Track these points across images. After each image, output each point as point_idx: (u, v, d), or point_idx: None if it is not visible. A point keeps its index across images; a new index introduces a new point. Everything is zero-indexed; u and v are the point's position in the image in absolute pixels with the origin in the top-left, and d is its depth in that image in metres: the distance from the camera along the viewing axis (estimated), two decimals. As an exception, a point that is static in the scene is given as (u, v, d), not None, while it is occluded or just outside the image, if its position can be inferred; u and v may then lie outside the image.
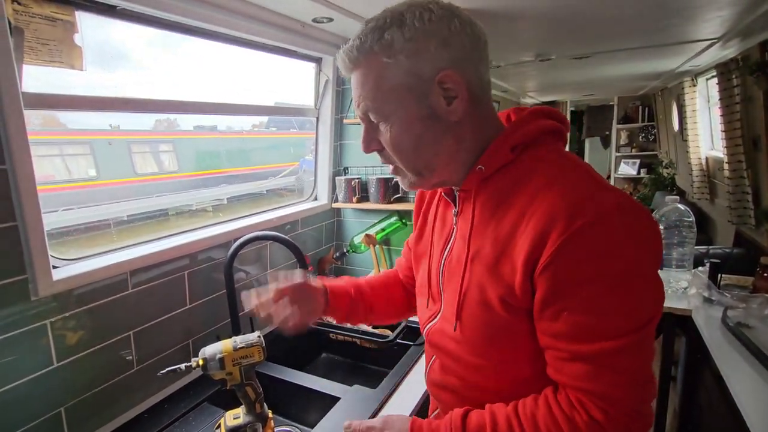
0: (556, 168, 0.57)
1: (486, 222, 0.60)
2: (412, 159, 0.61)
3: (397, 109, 0.58)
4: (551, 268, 0.51)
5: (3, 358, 0.80)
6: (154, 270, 1.08)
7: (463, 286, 0.62)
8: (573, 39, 2.05)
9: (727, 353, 1.19)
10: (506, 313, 0.57)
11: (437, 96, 0.57)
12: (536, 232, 0.52)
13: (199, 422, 0.98)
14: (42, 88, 0.84)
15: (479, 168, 0.60)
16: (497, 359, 0.61)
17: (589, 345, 0.52)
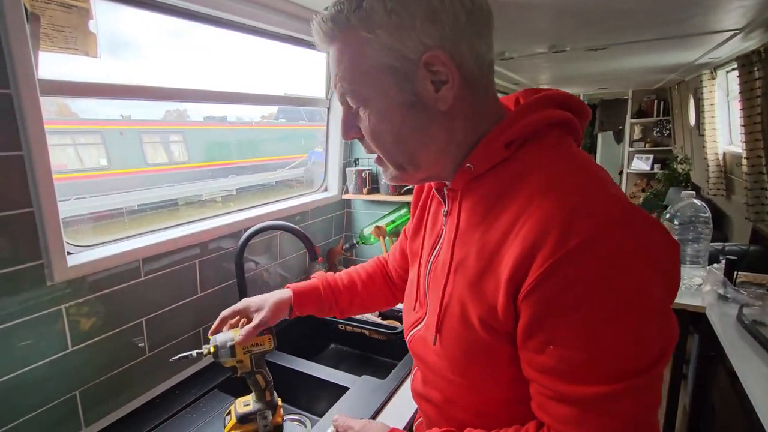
0: (556, 170, 0.48)
1: (473, 228, 0.53)
2: (393, 151, 0.54)
3: (376, 94, 0.51)
4: (537, 292, 0.43)
5: (20, 341, 0.82)
6: (166, 258, 1.09)
7: (444, 299, 0.55)
8: (589, 30, 2.00)
9: (742, 351, 1.17)
10: (487, 335, 0.50)
11: (423, 80, 0.49)
12: (524, 247, 0.44)
13: (209, 408, 1.00)
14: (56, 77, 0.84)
15: (467, 166, 0.52)
16: (477, 379, 0.54)
17: (579, 386, 0.42)
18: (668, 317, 0.44)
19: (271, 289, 1.46)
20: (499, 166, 0.52)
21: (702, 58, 2.90)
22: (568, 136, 0.54)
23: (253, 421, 0.87)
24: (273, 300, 0.82)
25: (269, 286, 1.45)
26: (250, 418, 0.87)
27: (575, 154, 0.52)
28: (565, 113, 0.53)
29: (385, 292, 0.92)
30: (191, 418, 0.96)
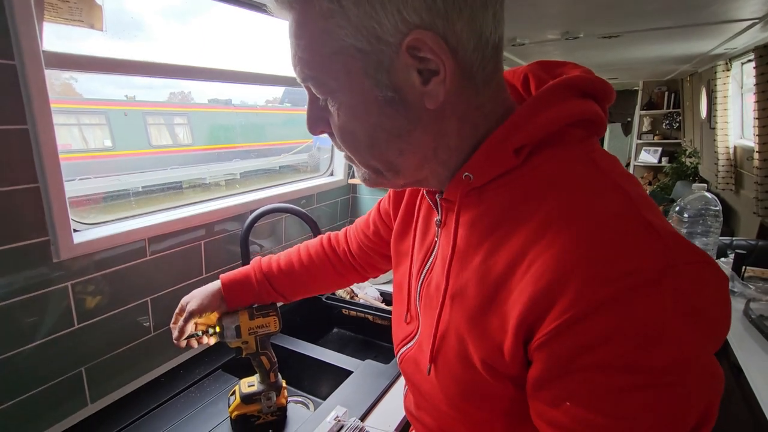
0: (579, 188, 0.39)
1: (473, 250, 0.44)
2: (366, 156, 0.44)
3: (343, 86, 0.40)
4: (555, 344, 0.35)
5: (28, 317, 0.82)
6: (171, 238, 1.08)
7: (440, 328, 0.47)
8: (604, 16, 1.95)
9: (748, 346, 1.17)
10: (490, 377, 0.42)
11: (406, 70, 0.38)
12: (539, 288, 0.36)
13: (214, 388, 1.00)
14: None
15: (465, 176, 0.43)
16: (474, 416, 0.48)
17: None
18: (711, 376, 0.35)
19: (276, 272, 1.46)
20: (506, 175, 0.42)
21: (717, 49, 2.84)
22: (593, 137, 0.44)
23: (257, 402, 0.88)
24: (201, 293, 0.80)
25: (274, 269, 1.45)
26: (254, 399, 0.88)
27: (602, 164, 0.41)
28: (589, 106, 0.42)
29: (330, 274, 0.84)
30: (196, 398, 0.97)
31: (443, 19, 0.36)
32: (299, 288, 0.85)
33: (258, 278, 0.82)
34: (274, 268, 0.82)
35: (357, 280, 0.87)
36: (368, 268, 0.84)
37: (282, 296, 0.84)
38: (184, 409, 0.93)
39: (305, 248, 0.85)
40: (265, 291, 0.82)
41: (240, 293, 0.82)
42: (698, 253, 0.35)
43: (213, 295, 0.81)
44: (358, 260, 0.82)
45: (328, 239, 0.86)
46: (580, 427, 0.36)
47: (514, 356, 0.39)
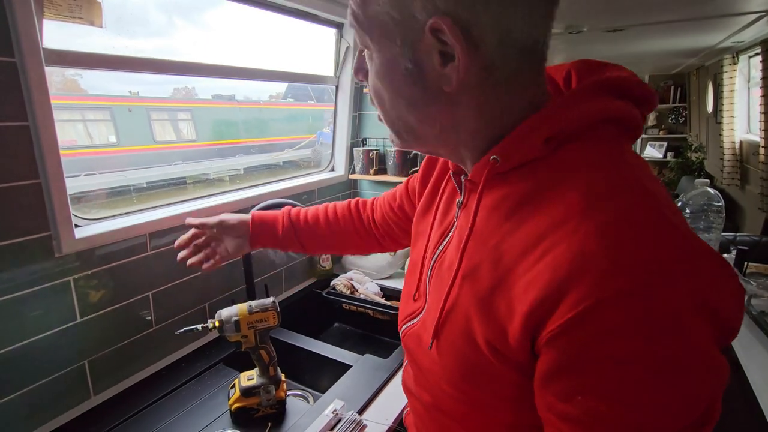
0: (604, 185, 0.39)
1: (490, 233, 0.44)
2: (390, 114, 0.47)
3: (377, 45, 0.43)
4: (568, 337, 0.35)
5: (31, 311, 0.83)
6: (172, 233, 1.09)
7: (447, 305, 0.48)
8: (609, 9, 1.93)
9: (748, 342, 1.16)
10: (493, 358, 0.43)
11: (429, 50, 0.40)
12: (552, 278, 0.36)
13: (214, 382, 1.01)
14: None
15: (493, 158, 0.43)
16: (474, 397, 0.48)
17: None
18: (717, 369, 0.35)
19: (277, 266, 1.47)
20: (532, 164, 0.43)
21: (724, 42, 2.80)
22: (625, 138, 0.44)
23: (257, 395, 0.89)
24: (234, 215, 0.85)
25: (275, 264, 1.46)
26: (254, 392, 0.89)
27: (631, 165, 0.41)
28: (625, 107, 0.42)
29: (352, 237, 0.87)
30: (196, 390, 0.98)
31: (469, 10, 0.38)
32: (320, 243, 0.88)
33: (285, 224, 0.85)
34: (301, 218, 0.87)
35: (376, 249, 0.90)
36: (388, 240, 0.86)
37: (302, 246, 0.87)
38: (185, 401, 0.95)
39: (333, 207, 0.88)
40: (289, 238, 0.85)
41: (265, 233, 0.85)
42: (717, 255, 0.36)
43: (243, 221, 0.85)
44: (380, 230, 0.85)
45: (356, 203, 0.89)
46: (587, 418, 0.36)
47: (519, 344, 0.39)
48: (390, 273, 1.63)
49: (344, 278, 1.50)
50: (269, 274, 1.44)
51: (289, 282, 1.53)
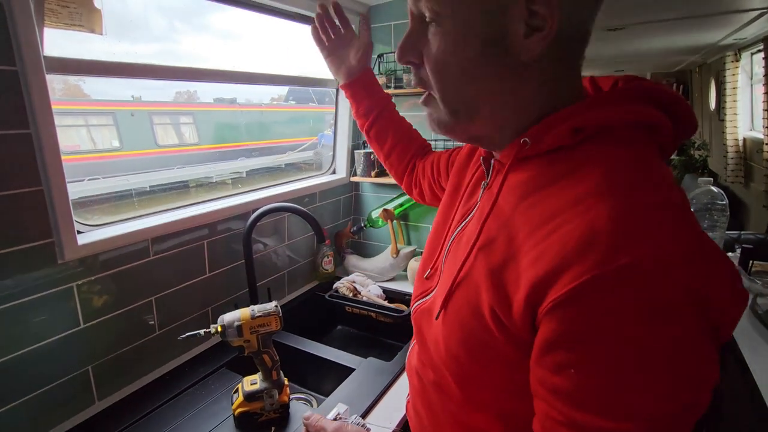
0: (623, 177, 0.40)
1: (509, 209, 0.47)
2: (452, 90, 0.46)
3: (457, 13, 0.42)
4: (565, 309, 0.36)
5: (34, 318, 0.84)
6: (174, 238, 1.09)
7: (460, 275, 0.50)
8: (608, 8, 1.93)
9: (754, 342, 1.15)
10: (494, 328, 0.44)
11: (517, 17, 0.41)
12: (558, 252, 0.38)
13: (218, 386, 1.02)
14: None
15: (524, 141, 0.45)
16: (467, 368, 0.49)
17: (594, 418, 0.37)
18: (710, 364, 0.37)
19: (279, 270, 1.47)
20: (556, 152, 0.44)
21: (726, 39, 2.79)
22: (654, 145, 0.44)
23: (260, 400, 0.89)
24: None
25: (277, 267, 1.46)
26: (257, 397, 0.89)
27: (654, 167, 0.41)
28: (658, 115, 0.43)
29: (404, 165, 0.94)
30: (200, 395, 0.98)
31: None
32: (385, 130, 0.92)
33: (384, 93, 0.92)
34: (389, 113, 0.92)
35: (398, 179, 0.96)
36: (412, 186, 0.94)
37: (370, 126, 0.91)
38: (189, 406, 0.95)
39: (414, 129, 0.97)
40: (377, 99, 0.91)
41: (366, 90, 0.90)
42: (722, 254, 0.37)
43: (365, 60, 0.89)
44: (415, 175, 0.92)
45: (424, 142, 0.96)
46: (578, 392, 0.38)
47: (521, 317, 0.41)
48: (392, 275, 1.62)
49: (347, 281, 1.50)
50: (272, 277, 1.44)
51: (291, 285, 1.54)
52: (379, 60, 1.62)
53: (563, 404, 0.39)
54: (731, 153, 3.33)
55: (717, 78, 3.72)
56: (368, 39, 0.90)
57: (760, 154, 2.57)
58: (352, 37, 0.89)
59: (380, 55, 1.61)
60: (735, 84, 3.25)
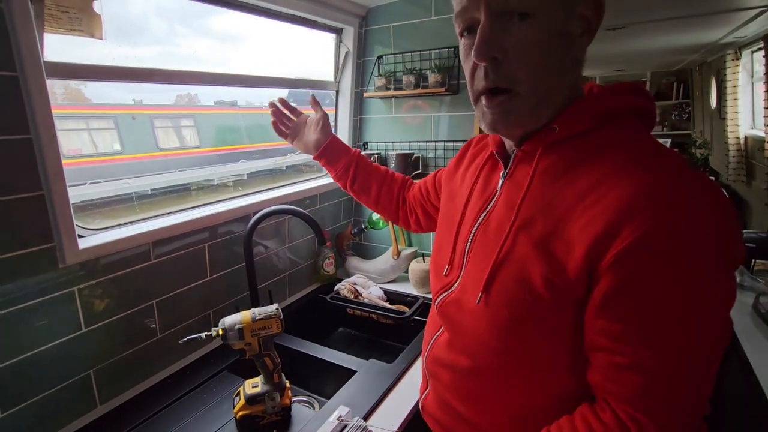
0: (640, 150, 0.49)
1: (542, 191, 0.53)
2: (540, 77, 0.51)
3: (547, 10, 0.48)
4: (627, 259, 0.43)
5: (36, 322, 0.84)
6: (175, 242, 1.09)
7: (500, 256, 0.54)
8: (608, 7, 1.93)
9: (757, 341, 1.15)
10: (549, 295, 0.49)
11: (577, 18, 0.50)
12: (611, 215, 0.44)
13: (219, 389, 1.02)
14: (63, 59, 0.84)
15: (553, 127, 0.53)
16: (519, 344, 0.53)
17: (658, 355, 0.43)
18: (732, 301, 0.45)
19: (280, 272, 1.47)
20: (582, 135, 0.53)
21: (726, 38, 2.78)
22: (647, 127, 0.55)
23: (262, 403, 0.89)
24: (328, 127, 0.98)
25: (278, 269, 1.46)
26: (259, 400, 0.89)
27: (656, 141, 0.52)
28: (645, 102, 0.54)
29: (394, 203, 1.00)
30: (202, 399, 0.98)
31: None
32: (366, 184, 0.98)
33: (354, 152, 0.98)
34: (363, 162, 0.99)
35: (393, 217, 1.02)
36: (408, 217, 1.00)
37: (352, 179, 0.97)
38: (191, 410, 0.95)
39: (391, 171, 1.03)
40: (353, 164, 0.96)
41: (337, 148, 0.97)
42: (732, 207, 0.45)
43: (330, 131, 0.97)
44: (408, 206, 0.99)
45: (409, 181, 1.03)
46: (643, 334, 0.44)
47: (578, 276, 0.47)
48: (394, 277, 1.62)
49: (348, 283, 1.50)
50: (273, 280, 1.44)
51: (293, 288, 1.54)
52: (379, 62, 1.62)
53: (626, 345, 0.45)
54: (733, 151, 3.32)
55: (717, 76, 3.71)
56: (321, 111, 0.97)
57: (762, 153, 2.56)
58: (305, 118, 0.99)
59: (380, 57, 1.61)
60: (736, 82, 3.24)
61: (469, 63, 0.54)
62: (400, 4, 1.53)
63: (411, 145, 1.62)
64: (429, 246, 1.65)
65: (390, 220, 1.03)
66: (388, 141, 1.68)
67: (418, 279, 1.51)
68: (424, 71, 1.51)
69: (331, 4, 1.43)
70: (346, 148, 0.97)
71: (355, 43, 1.60)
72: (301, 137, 0.98)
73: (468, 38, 0.54)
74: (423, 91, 1.48)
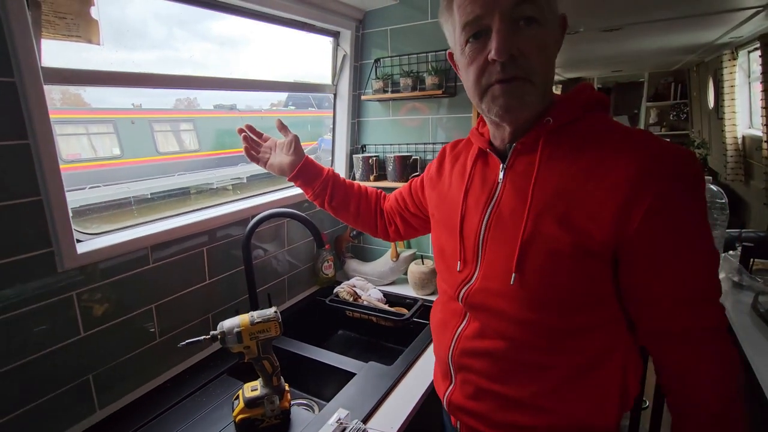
0: (624, 128, 0.61)
1: (551, 174, 0.61)
2: (548, 69, 0.61)
3: (552, 19, 0.60)
4: (656, 216, 0.54)
5: (35, 327, 0.84)
6: (174, 246, 1.10)
7: (524, 237, 0.61)
8: (605, 8, 1.93)
9: (756, 340, 1.15)
10: (579, 258, 0.58)
11: (559, 21, 0.62)
12: (627, 180, 0.54)
13: (219, 393, 1.01)
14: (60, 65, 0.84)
15: (547, 120, 0.62)
16: (558, 309, 0.61)
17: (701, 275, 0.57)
18: None
19: (280, 275, 1.47)
20: (572, 124, 0.62)
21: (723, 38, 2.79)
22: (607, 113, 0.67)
23: (261, 406, 0.89)
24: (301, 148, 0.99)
25: (277, 273, 1.46)
26: (258, 403, 0.89)
27: (620, 122, 0.64)
28: (604, 95, 0.66)
29: (372, 216, 1.03)
30: (201, 402, 0.98)
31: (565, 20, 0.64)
32: (345, 204, 1.00)
33: (328, 172, 0.99)
34: (339, 178, 1.00)
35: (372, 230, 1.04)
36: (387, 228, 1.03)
37: (330, 197, 0.98)
38: (190, 413, 0.95)
39: (365, 186, 1.06)
40: (329, 184, 0.98)
41: (311, 170, 0.97)
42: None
43: (302, 153, 0.97)
44: (386, 217, 1.02)
45: (383, 194, 1.06)
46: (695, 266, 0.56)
47: (607, 240, 0.56)
48: (393, 279, 1.62)
49: (347, 285, 1.50)
50: (272, 283, 1.44)
51: (292, 290, 1.54)
52: (376, 65, 1.62)
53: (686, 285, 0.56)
54: (731, 151, 3.33)
55: (715, 76, 3.72)
56: (291, 134, 0.97)
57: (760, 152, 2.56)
58: (273, 141, 1.00)
59: (377, 60, 1.62)
60: (733, 82, 3.25)
61: (478, 62, 0.60)
62: (397, 7, 1.54)
63: (409, 148, 1.63)
64: (427, 248, 1.65)
65: (368, 232, 1.05)
66: (386, 143, 1.69)
67: (417, 281, 1.51)
68: (422, 74, 1.51)
69: (328, 8, 1.43)
70: (320, 168, 0.99)
71: (353, 46, 1.61)
72: (274, 160, 0.98)
73: (475, 43, 0.60)
74: (420, 94, 1.49)
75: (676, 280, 0.57)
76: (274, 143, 1.00)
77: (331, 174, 0.99)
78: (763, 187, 2.54)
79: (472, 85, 0.62)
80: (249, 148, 1.00)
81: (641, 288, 0.59)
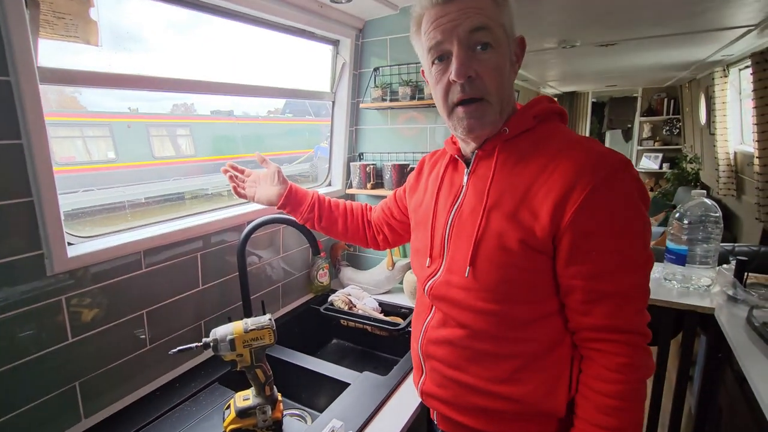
0: (571, 136, 0.68)
1: (504, 177, 0.68)
2: (502, 89, 0.68)
3: (503, 44, 0.66)
4: (583, 212, 0.59)
5: (20, 332, 0.82)
6: (167, 251, 1.08)
7: (479, 234, 0.68)
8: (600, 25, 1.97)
9: (751, 353, 1.15)
10: (525, 253, 0.64)
11: (512, 52, 0.68)
12: (564, 182, 0.60)
13: (209, 402, 0.99)
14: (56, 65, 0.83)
15: (504, 130, 0.70)
16: (508, 300, 0.66)
17: (620, 280, 0.61)
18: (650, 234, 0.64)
19: (274, 282, 1.45)
20: (526, 132, 0.70)
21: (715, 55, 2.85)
22: (563, 122, 0.75)
23: (253, 416, 0.87)
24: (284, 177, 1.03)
25: (272, 280, 1.44)
26: (250, 413, 0.87)
27: (573, 131, 0.71)
28: (560, 107, 0.74)
29: (361, 228, 1.08)
30: (191, 411, 0.96)
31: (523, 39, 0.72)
32: (333, 222, 1.05)
33: (313, 196, 1.04)
34: (324, 199, 1.06)
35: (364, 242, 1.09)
36: (375, 237, 1.08)
37: (318, 218, 1.03)
38: (179, 423, 0.92)
39: (349, 202, 1.10)
40: (316, 207, 1.03)
41: (298, 195, 1.02)
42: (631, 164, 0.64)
43: (286, 182, 1.02)
44: (372, 229, 1.08)
45: (368, 207, 1.11)
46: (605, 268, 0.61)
47: (545, 234, 0.62)
48: (388, 288, 1.61)
49: (342, 294, 1.48)
50: (266, 290, 1.42)
51: (286, 298, 1.52)
52: (375, 73, 1.63)
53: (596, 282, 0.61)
54: (723, 166, 3.37)
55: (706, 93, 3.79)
56: (273, 165, 1.02)
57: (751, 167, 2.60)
58: (255, 175, 1.04)
59: (376, 68, 1.63)
60: (724, 99, 3.31)
61: (443, 83, 0.68)
62: (396, 17, 1.55)
63: (407, 156, 1.63)
64: (424, 257, 1.64)
65: (360, 245, 1.10)
66: (384, 152, 1.69)
67: (412, 290, 1.50)
68: (420, 83, 1.52)
69: (329, 17, 1.44)
70: (305, 192, 1.04)
71: (352, 54, 1.62)
72: (261, 193, 1.03)
73: (439, 65, 0.68)
74: (419, 103, 1.50)
75: (592, 275, 0.61)
76: (258, 176, 1.04)
77: (315, 197, 1.04)
78: (754, 202, 2.57)
79: (441, 103, 0.70)
80: (236, 187, 1.04)
81: (564, 279, 0.64)
